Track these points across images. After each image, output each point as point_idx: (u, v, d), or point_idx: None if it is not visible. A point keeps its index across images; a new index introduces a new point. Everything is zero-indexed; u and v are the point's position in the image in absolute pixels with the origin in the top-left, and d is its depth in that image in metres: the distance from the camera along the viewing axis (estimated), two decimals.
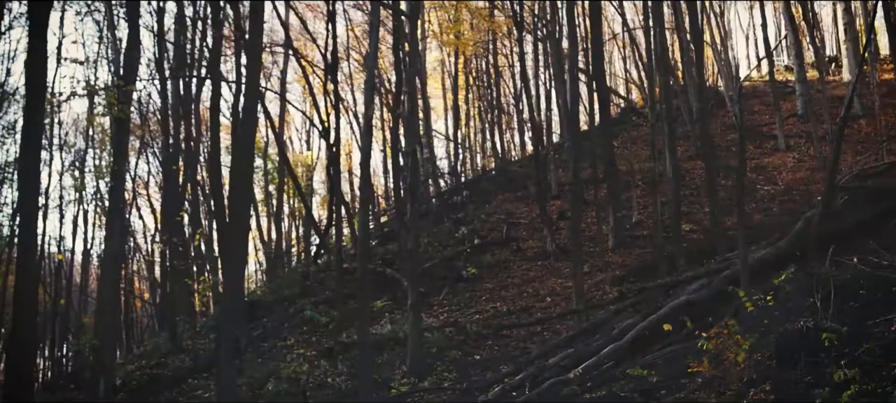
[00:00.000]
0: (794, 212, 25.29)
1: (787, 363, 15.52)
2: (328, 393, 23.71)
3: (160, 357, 31.53)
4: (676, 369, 18.03)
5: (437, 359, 24.20)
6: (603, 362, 19.52)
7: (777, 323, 16.82)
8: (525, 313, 26.80)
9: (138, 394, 27.71)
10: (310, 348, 27.61)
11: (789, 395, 14.63)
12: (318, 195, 57.82)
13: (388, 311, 28.59)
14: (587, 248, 30.22)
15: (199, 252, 42.02)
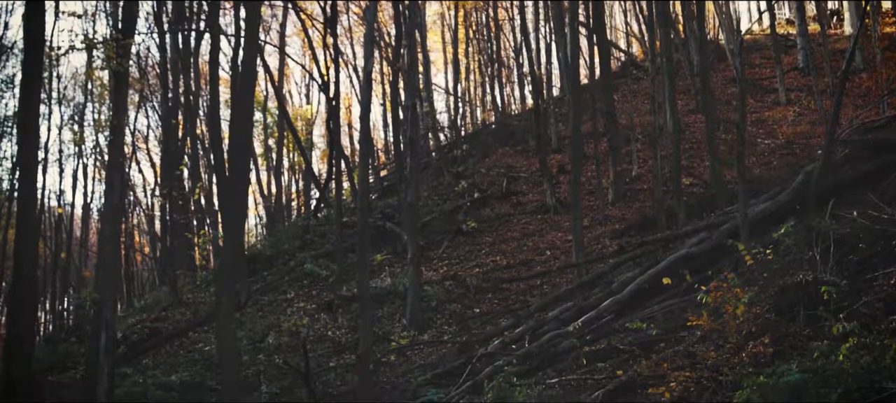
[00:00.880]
0: (794, 166, 25.28)
1: (786, 316, 15.56)
2: (328, 346, 23.81)
3: (161, 310, 31.62)
4: (676, 322, 18.09)
5: (436, 312, 24.28)
6: (602, 315, 19.58)
7: (776, 276, 16.84)
8: (525, 266, 26.84)
9: (139, 347, 27.82)
10: (310, 301, 27.69)
11: (788, 348, 14.69)
12: (318, 149, 57.77)
13: (387, 265, 28.66)
14: (587, 202, 30.24)
15: (198, 206, 42.02)
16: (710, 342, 16.28)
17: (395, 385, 19.43)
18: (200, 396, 21.44)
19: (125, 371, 23.30)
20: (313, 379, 18.20)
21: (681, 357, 16.32)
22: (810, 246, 16.82)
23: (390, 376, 20.40)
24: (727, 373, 14.39)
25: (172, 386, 22.35)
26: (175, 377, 23.25)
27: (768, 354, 14.67)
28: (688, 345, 16.71)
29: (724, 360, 15.24)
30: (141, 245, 55.44)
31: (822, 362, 12.95)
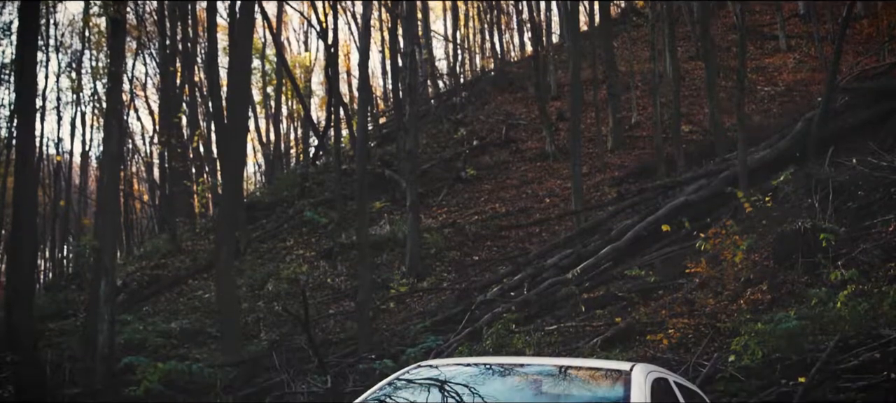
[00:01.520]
0: (793, 113, 25.19)
1: (784, 263, 15.60)
2: (327, 294, 23.88)
3: (160, 258, 31.69)
4: (674, 269, 18.13)
5: (435, 260, 24.31)
6: (601, 262, 19.61)
7: (775, 223, 16.87)
8: (523, 214, 26.84)
9: (139, 295, 27.92)
10: (309, 249, 27.73)
11: (786, 295, 14.73)
12: (317, 96, 57.59)
13: (386, 212, 28.66)
14: (586, 149, 30.17)
15: (197, 153, 41.95)
16: (709, 289, 16.33)
17: (394, 331, 19.50)
18: (200, 343, 21.54)
19: (125, 318, 23.40)
20: (312, 326, 18.28)
21: (679, 304, 16.38)
22: (809, 194, 16.83)
23: (389, 323, 20.47)
24: (725, 320, 14.45)
25: (172, 333, 22.45)
26: (175, 324, 23.35)
27: (766, 301, 14.72)
28: (686, 292, 16.76)
29: (722, 307, 15.30)
30: (140, 193, 55.43)
31: (820, 309, 12.98)
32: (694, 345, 14.17)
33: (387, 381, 6.19)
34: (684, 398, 6.14)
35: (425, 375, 6.15)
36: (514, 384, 5.98)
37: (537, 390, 5.83)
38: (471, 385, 5.83)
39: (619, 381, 5.69)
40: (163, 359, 18.43)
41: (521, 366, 6.28)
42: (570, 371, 6.10)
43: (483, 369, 6.26)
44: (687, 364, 12.79)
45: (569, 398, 5.67)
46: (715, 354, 13.17)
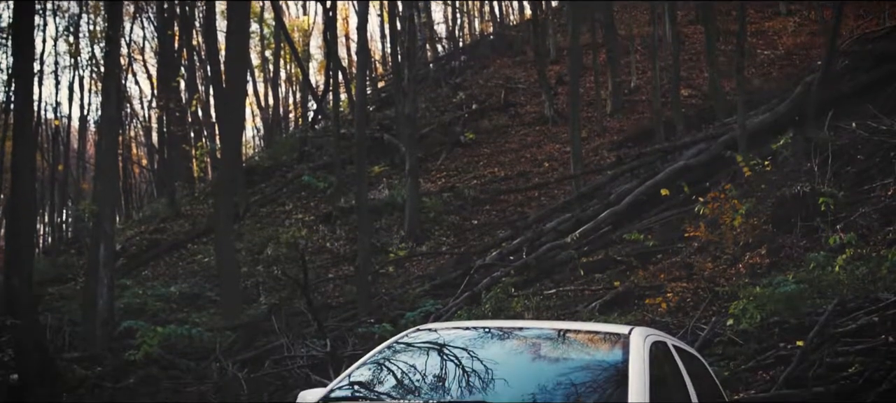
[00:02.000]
0: (793, 77, 25.15)
1: (783, 227, 15.61)
2: (326, 258, 23.90)
3: (159, 222, 31.71)
4: (673, 233, 18.15)
5: (434, 224, 24.32)
6: (600, 226, 19.62)
7: (774, 187, 16.87)
8: (522, 178, 26.84)
9: (138, 259, 27.95)
10: (308, 213, 27.74)
11: (784, 259, 14.75)
12: (315, 60, 57.42)
13: (385, 176, 28.65)
14: (585, 113, 30.13)
15: (195, 117, 41.88)
16: (707, 253, 16.35)
17: (393, 295, 19.53)
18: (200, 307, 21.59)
19: (124, 283, 23.44)
20: (311, 290, 18.30)
21: (678, 268, 16.41)
22: (808, 158, 16.81)
23: (388, 287, 20.51)
24: (724, 284, 14.47)
25: (171, 297, 22.48)
26: (174, 288, 23.38)
27: (765, 265, 14.75)
28: (685, 256, 16.79)
29: (720, 271, 15.33)
30: (138, 157, 55.37)
31: (819, 273, 13.00)
32: (692, 309, 14.20)
33: (386, 344, 6.19)
34: (683, 361, 6.15)
35: (424, 338, 6.15)
36: (513, 347, 5.98)
37: (536, 353, 5.84)
38: (469, 348, 5.83)
39: (618, 345, 5.69)
40: (162, 323, 18.46)
41: (520, 330, 6.28)
42: (569, 335, 6.10)
43: (482, 332, 6.26)
44: (685, 328, 12.81)
45: (567, 361, 5.68)
46: (713, 318, 13.19)
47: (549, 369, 5.61)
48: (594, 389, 5.34)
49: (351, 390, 5.70)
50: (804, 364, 10.79)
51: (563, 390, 5.28)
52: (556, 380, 5.39)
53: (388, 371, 5.86)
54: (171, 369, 16.40)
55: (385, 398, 5.58)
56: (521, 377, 5.49)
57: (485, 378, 5.45)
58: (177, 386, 15.22)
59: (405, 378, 5.71)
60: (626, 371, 5.31)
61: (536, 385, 5.36)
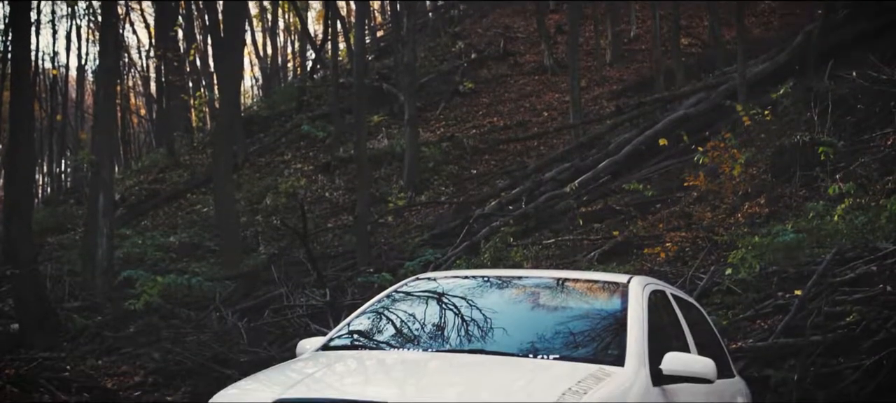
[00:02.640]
0: (794, 26, 25.01)
1: (782, 176, 15.60)
2: (326, 207, 23.91)
3: (158, 172, 31.69)
4: (672, 183, 18.14)
5: (433, 174, 24.31)
6: (599, 176, 19.61)
7: (774, 137, 16.83)
8: (522, 127, 26.79)
9: (138, 209, 27.96)
10: (307, 163, 27.71)
11: (783, 208, 14.75)
12: (314, 9, 57.00)
13: (384, 126, 28.60)
14: (585, 63, 30.02)
15: (194, 67, 41.73)
16: (707, 202, 16.35)
17: (392, 245, 19.55)
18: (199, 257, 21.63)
19: (124, 233, 23.46)
20: (311, 240, 18.33)
21: (677, 217, 16.41)
22: (808, 107, 16.76)
23: (387, 236, 20.53)
24: (722, 233, 14.48)
25: (171, 247, 22.51)
26: (173, 238, 23.41)
27: (764, 214, 14.75)
28: (684, 206, 16.79)
29: (719, 220, 15.33)
30: (137, 107, 55.24)
31: (818, 222, 13.01)
32: (691, 258, 14.22)
33: (385, 293, 6.21)
34: (681, 310, 6.17)
35: (423, 287, 6.17)
36: (512, 296, 6.00)
37: (535, 302, 5.86)
38: (469, 297, 5.85)
39: (617, 293, 5.71)
40: (162, 273, 18.51)
41: (519, 279, 6.29)
42: (568, 284, 6.12)
43: (481, 281, 6.27)
44: (684, 278, 12.83)
45: (566, 310, 5.69)
46: (712, 267, 13.21)
47: (548, 318, 5.63)
48: (593, 337, 5.37)
49: (350, 338, 5.72)
50: (802, 313, 10.81)
51: (561, 338, 5.31)
52: (555, 329, 5.41)
53: (387, 320, 5.88)
54: (171, 318, 16.46)
55: (384, 346, 5.60)
56: (521, 326, 5.52)
57: (484, 326, 5.47)
58: (176, 335, 15.27)
59: (404, 327, 5.73)
60: (624, 320, 5.34)
61: (535, 333, 5.38)
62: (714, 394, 5.80)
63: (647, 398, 4.84)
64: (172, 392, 12.92)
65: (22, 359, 13.70)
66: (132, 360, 14.85)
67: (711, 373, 5.15)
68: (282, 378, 4.89)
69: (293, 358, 5.68)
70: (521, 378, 4.73)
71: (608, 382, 4.61)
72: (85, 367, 14.38)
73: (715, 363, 5.26)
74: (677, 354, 5.18)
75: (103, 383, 13.34)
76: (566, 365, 4.89)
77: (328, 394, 4.56)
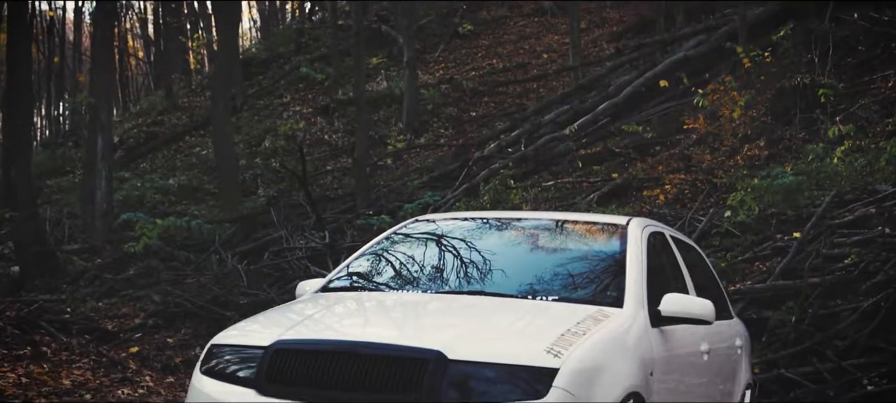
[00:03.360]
0: None
1: (782, 118, 15.58)
2: (325, 150, 23.89)
3: (156, 115, 31.62)
4: (672, 125, 18.11)
5: (433, 116, 24.26)
6: (598, 118, 19.57)
7: (774, 79, 16.78)
8: (521, 69, 26.69)
9: (136, 151, 27.93)
10: (306, 105, 27.64)
11: (783, 150, 14.74)
12: None
13: (383, 68, 28.48)
14: (584, 4, 29.83)
15: (192, 9, 41.46)
16: (706, 145, 16.34)
17: (391, 188, 19.56)
18: (198, 199, 21.65)
19: (123, 175, 23.45)
20: (310, 183, 18.33)
21: (676, 159, 16.40)
22: (809, 49, 16.69)
23: (387, 179, 20.53)
24: (722, 176, 14.48)
25: (170, 190, 22.51)
26: (172, 181, 23.41)
27: (763, 156, 14.74)
28: (683, 148, 16.77)
29: (719, 163, 15.32)
30: (135, 50, 54.98)
31: (817, 164, 13.01)
32: (690, 201, 14.23)
33: (384, 235, 6.22)
34: (680, 252, 6.18)
35: (423, 229, 6.17)
36: (512, 238, 6.00)
37: (534, 244, 5.86)
38: (468, 239, 5.85)
39: (616, 235, 5.71)
40: (161, 216, 18.53)
41: (519, 221, 6.29)
42: (567, 226, 6.12)
43: (480, 223, 6.28)
44: (683, 220, 12.85)
45: (565, 252, 5.70)
46: (711, 209, 13.23)
47: (547, 259, 5.64)
48: (592, 279, 5.38)
49: (349, 280, 5.73)
50: (800, 255, 10.84)
51: (560, 280, 5.32)
52: (554, 271, 5.42)
53: (386, 261, 5.89)
54: (171, 261, 16.50)
55: (383, 288, 5.61)
56: (520, 267, 5.53)
57: (483, 268, 5.48)
58: (176, 278, 15.32)
59: (403, 269, 5.74)
60: (623, 261, 5.35)
61: (534, 275, 5.39)
62: (712, 335, 5.82)
63: (645, 339, 4.86)
64: (173, 333, 12.97)
65: (22, 301, 13.74)
66: (132, 302, 14.91)
67: (710, 315, 5.18)
68: (282, 319, 4.90)
69: (293, 300, 5.69)
70: (521, 320, 4.74)
71: (607, 323, 4.63)
72: (85, 309, 14.44)
73: (713, 304, 5.28)
74: (676, 295, 5.20)
75: (104, 325, 13.39)
76: (565, 307, 4.90)
77: (328, 335, 4.58)
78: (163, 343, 12.44)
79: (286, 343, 4.34)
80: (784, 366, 9.61)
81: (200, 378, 4.54)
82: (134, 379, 9.45)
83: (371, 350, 4.16)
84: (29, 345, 10.08)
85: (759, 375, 9.26)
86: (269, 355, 4.30)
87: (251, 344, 4.49)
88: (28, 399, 7.49)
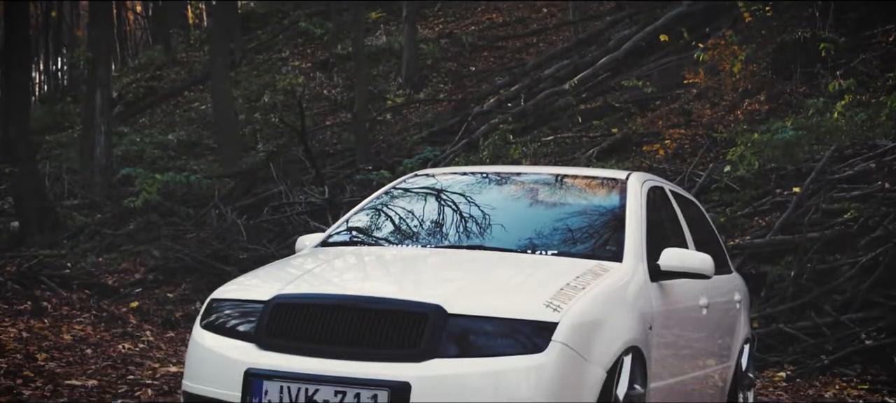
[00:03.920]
0: None
1: (782, 73, 15.54)
2: (324, 105, 23.83)
3: (155, 70, 31.52)
4: (672, 80, 18.07)
5: (432, 71, 24.19)
6: (598, 73, 19.52)
7: (775, 33, 16.73)
8: (521, 24, 26.58)
9: (135, 107, 27.88)
10: (305, 60, 27.55)
11: (783, 105, 14.72)
12: None
13: (383, 23, 28.35)
14: None
15: None
16: (706, 99, 16.32)
17: (390, 143, 19.54)
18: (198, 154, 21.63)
19: (122, 131, 23.41)
20: (309, 138, 18.30)
21: (676, 114, 16.39)
22: (810, 3, 16.60)
23: (386, 134, 20.50)
24: (722, 130, 14.48)
25: (169, 145, 22.50)
26: (172, 136, 23.38)
27: (763, 111, 14.73)
28: (683, 103, 16.76)
29: (719, 117, 15.32)
30: (133, 4, 54.72)
31: (817, 119, 13.00)
32: (690, 156, 14.23)
33: (384, 190, 6.21)
34: (679, 206, 6.18)
35: (422, 184, 6.16)
36: (511, 192, 5.99)
37: (534, 199, 5.85)
38: (467, 193, 5.84)
39: (615, 189, 5.70)
40: (160, 171, 18.52)
41: (518, 175, 6.28)
42: (567, 180, 6.11)
43: (480, 178, 6.26)
44: (683, 175, 12.86)
45: (565, 206, 5.69)
46: (711, 164, 13.24)
47: (546, 214, 5.63)
48: (591, 233, 5.38)
49: (349, 235, 5.73)
50: (800, 209, 10.87)
51: (560, 234, 5.31)
52: (554, 225, 5.42)
53: (385, 216, 5.88)
54: (170, 216, 16.52)
55: (383, 242, 5.61)
56: (519, 222, 5.52)
57: (482, 223, 5.48)
58: (176, 233, 15.35)
59: (403, 224, 5.74)
60: (623, 216, 5.34)
61: (534, 229, 5.39)
62: (711, 290, 5.83)
63: (644, 293, 4.87)
64: (172, 288, 13.02)
65: (22, 256, 13.80)
66: (132, 257, 14.96)
67: (709, 269, 5.18)
68: (281, 274, 4.91)
69: (292, 255, 5.69)
70: (520, 274, 4.75)
71: (606, 277, 4.63)
72: (85, 264, 14.49)
73: (712, 259, 5.28)
74: (675, 250, 5.20)
75: (104, 280, 13.44)
76: (564, 261, 4.91)
77: (327, 290, 4.59)
78: (163, 298, 12.50)
79: (286, 297, 4.35)
80: (783, 321, 9.66)
81: (201, 333, 4.56)
82: (134, 334, 9.49)
83: (370, 305, 4.17)
84: (29, 300, 10.12)
85: (758, 329, 9.30)
86: (269, 309, 4.31)
87: (251, 299, 4.50)
88: (29, 353, 7.52)
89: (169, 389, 7.02)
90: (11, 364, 7.01)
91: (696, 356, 5.76)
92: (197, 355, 4.52)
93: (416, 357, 3.99)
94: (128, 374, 7.47)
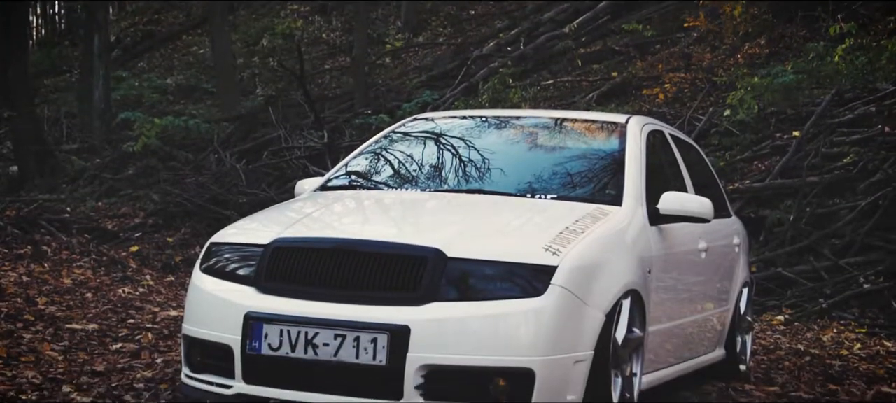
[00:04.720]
0: None
1: (783, 16, 15.47)
2: (323, 49, 23.73)
3: (153, 13, 31.30)
4: (672, 24, 17.98)
5: (431, 14, 24.06)
6: (598, 16, 19.41)
7: None
8: None
9: (133, 51, 27.74)
10: (303, 3, 27.39)
11: (784, 49, 14.67)
12: None
13: None
14: None
15: None
16: (706, 43, 16.26)
17: (389, 86, 19.48)
18: (196, 99, 21.57)
19: (120, 75, 23.32)
20: (308, 82, 18.24)
21: (676, 58, 16.33)
22: None
23: (385, 78, 20.43)
24: (722, 74, 14.44)
25: (168, 89, 22.42)
26: (170, 80, 23.30)
27: (764, 55, 14.68)
28: (684, 47, 16.70)
29: (719, 61, 15.27)
30: None
31: (818, 63, 12.96)
32: (690, 100, 14.20)
33: (383, 134, 6.19)
34: (679, 150, 6.17)
35: (421, 128, 6.14)
36: (511, 136, 5.98)
37: (533, 142, 5.84)
38: (467, 137, 5.83)
39: (615, 133, 5.69)
40: (159, 115, 18.48)
41: (517, 119, 6.26)
42: (566, 124, 6.09)
43: (479, 122, 6.25)
44: (683, 118, 12.84)
45: (564, 150, 5.68)
46: (711, 108, 13.21)
47: (546, 158, 5.62)
48: (591, 177, 5.37)
49: (348, 179, 5.72)
50: (800, 153, 10.87)
51: (559, 178, 5.31)
52: (553, 169, 5.41)
53: (385, 160, 5.87)
54: (170, 160, 16.50)
55: (382, 187, 5.61)
56: (519, 166, 5.51)
57: (482, 167, 5.47)
58: (175, 177, 15.34)
59: (402, 168, 5.73)
60: (622, 159, 5.33)
61: (533, 173, 5.38)
62: (710, 233, 5.84)
63: (643, 236, 4.87)
64: (172, 233, 13.04)
65: (22, 201, 13.80)
66: (132, 202, 14.96)
67: (708, 213, 5.18)
68: (281, 217, 4.91)
69: (291, 199, 5.69)
70: (519, 218, 4.75)
71: (605, 221, 4.63)
72: (85, 209, 14.49)
73: (712, 203, 5.29)
74: (674, 194, 5.20)
75: (104, 224, 13.45)
76: (564, 205, 4.90)
77: (326, 233, 4.59)
78: (162, 243, 12.51)
79: (285, 241, 4.35)
80: (781, 264, 9.69)
81: (200, 277, 4.56)
82: (134, 278, 9.51)
83: (370, 248, 4.17)
84: (29, 244, 10.14)
85: (757, 273, 9.33)
86: (269, 253, 4.31)
87: (250, 243, 4.51)
88: (29, 297, 7.54)
89: (169, 333, 7.05)
90: (12, 308, 7.04)
91: (694, 299, 5.77)
92: (197, 299, 4.54)
93: (415, 301, 4.00)
94: (128, 318, 7.50)
